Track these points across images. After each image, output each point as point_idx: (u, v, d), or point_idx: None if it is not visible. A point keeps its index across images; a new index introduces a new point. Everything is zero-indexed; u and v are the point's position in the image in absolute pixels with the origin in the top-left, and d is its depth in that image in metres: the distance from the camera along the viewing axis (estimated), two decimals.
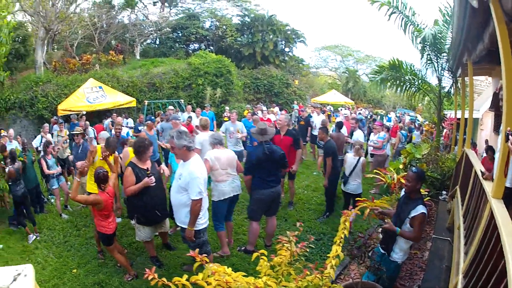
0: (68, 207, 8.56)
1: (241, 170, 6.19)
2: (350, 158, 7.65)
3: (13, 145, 9.26)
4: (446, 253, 5.60)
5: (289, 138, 7.57)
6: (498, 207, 3.08)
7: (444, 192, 8.34)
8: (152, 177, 5.17)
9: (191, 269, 4.96)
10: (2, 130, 10.85)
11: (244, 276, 2.59)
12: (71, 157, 9.42)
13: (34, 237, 6.96)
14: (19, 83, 18.42)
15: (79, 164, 5.45)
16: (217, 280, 2.53)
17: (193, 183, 4.44)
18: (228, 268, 2.63)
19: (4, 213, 8.35)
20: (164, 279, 2.47)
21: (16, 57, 19.21)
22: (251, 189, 5.90)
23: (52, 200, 8.86)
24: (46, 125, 11.58)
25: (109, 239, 5.18)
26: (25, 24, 21.54)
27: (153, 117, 13.45)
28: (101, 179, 4.97)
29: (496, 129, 9.81)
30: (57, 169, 8.27)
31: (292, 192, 8.40)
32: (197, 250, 2.70)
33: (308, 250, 3.23)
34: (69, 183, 9.21)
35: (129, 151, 6.32)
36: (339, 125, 9.97)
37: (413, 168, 4.52)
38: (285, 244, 3.09)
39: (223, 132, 9.89)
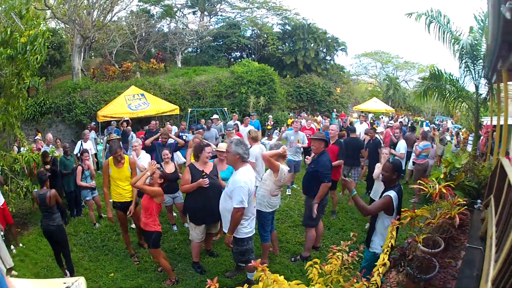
0: (103, 216, 8.39)
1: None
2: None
3: (49, 149, 9.23)
4: (477, 261, 5.59)
5: (336, 147, 7.92)
6: None
7: (479, 201, 8.20)
8: (207, 179, 5.43)
9: (233, 275, 5.61)
10: (38, 133, 11.17)
11: (298, 284, 2.68)
12: None
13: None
14: (55, 88, 19.02)
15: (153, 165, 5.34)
16: None
17: (237, 192, 4.55)
18: (281, 276, 2.72)
19: (37, 215, 8.46)
20: None
21: (51, 63, 19.55)
22: (320, 192, 5.90)
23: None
24: (87, 131, 11.47)
25: (158, 240, 5.37)
26: (59, 31, 22.11)
27: (203, 125, 13.18)
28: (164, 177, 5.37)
29: None
30: (92, 183, 8.08)
31: (335, 201, 8.55)
32: (259, 260, 2.75)
33: (357, 258, 3.32)
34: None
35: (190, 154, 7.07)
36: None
37: (390, 159, 4.75)
38: (336, 253, 3.22)
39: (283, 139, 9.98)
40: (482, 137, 14.03)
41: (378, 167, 7.15)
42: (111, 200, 6.20)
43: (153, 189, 5.15)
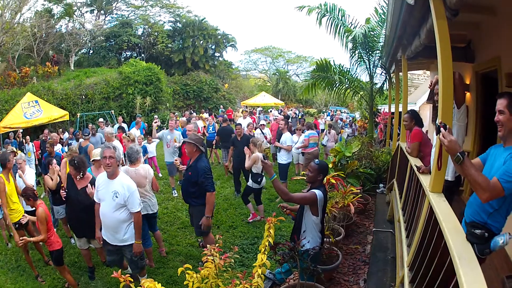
0: (12, 235, 7.50)
1: (157, 188, 6.14)
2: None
3: None
4: (389, 244, 5.67)
5: None
6: (437, 201, 2.99)
7: (381, 185, 8.56)
8: (64, 193, 5.45)
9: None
10: None
11: None
12: None
13: None
14: None
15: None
16: None
17: (133, 196, 4.49)
18: (158, 283, 2.73)
19: None
20: None
21: None
22: (208, 204, 5.45)
23: None
24: None
25: (61, 257, 5.28)
26: None
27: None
28: (33, 195, 5.22)
29: (434, 120, 9.40)
30: None
31: None
32: (119, 271, 2.78)
33: (233, 260, 3.26)
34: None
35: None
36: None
37: (316, 160, 4.43)
38: (209, 257, 3.12)
39: (159, 139, 9.68)
40: (380, 124, 14.47)
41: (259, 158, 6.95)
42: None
43: (42, 222, 5.00)
